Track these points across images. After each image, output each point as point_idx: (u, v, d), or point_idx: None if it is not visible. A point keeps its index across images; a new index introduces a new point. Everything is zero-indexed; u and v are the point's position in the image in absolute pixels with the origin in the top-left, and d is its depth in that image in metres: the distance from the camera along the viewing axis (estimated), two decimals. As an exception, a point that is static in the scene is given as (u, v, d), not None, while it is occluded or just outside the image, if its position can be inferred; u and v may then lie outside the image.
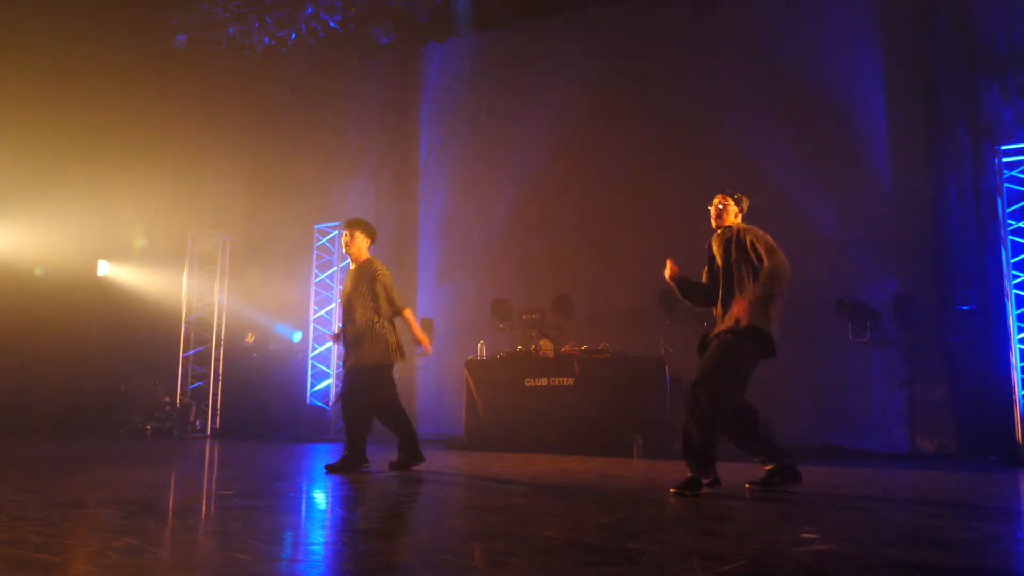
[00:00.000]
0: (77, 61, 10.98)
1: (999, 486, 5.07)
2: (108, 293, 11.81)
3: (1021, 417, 6.88)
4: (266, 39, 11.19)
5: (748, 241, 4.33)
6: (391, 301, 5.49)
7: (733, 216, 4.57)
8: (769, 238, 4.33)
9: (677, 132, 9.18)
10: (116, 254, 11.93)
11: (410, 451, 5.54)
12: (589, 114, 9.96)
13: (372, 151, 11.38)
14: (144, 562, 2.38)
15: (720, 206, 4.57)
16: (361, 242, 5.57)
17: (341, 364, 5.66)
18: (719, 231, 4.53)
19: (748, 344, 4.18)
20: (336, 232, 10.90)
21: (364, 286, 5.47)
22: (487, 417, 8.15)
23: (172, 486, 4.71)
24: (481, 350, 8.62)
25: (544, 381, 7.94)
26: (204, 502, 4.02)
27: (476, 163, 10.86)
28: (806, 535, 2.91)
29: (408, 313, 5.58)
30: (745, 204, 4.63)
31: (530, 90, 10.46)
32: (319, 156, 11.35)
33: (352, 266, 5.64)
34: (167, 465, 6.24)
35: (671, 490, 4.08)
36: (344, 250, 5.68)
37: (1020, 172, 7.26)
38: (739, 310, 4.17)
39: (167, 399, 11.00)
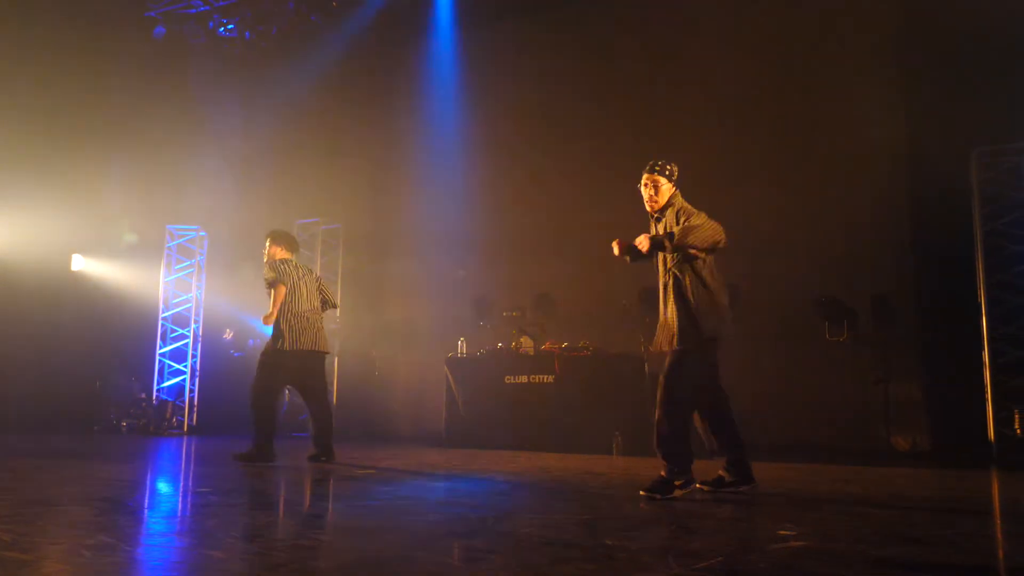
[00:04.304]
0: (53, 52, 10.81)
1: (971, 484, 5.15)
2: (83, 288, 11.65)
3: (993, 415, 6.98)
4: (247, 33, 11.11)
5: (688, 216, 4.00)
6: None
7: (668, 193, 4.13)
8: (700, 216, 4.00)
9: (662, 132, 9.18)
10: (91, 248, 11.77)
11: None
12: (570, 113, 9.96)
13: (353, 147, 11.31)
14: (117, 560, 2.36)
15: (651, 186, 4.11)
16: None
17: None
18: (654, 216, 4.16)
19: None
20: (317, 229, 10.85)
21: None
22: (467, 414, 8.15)
23: (147, 483, 4.67)
24: (461, 347, 8.61)
25: (524, 378, 7.95)
26: (180, 499, 3.98)
27: (457, 159, 10.83)
28: (783, 532, 2.93)
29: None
30: (676, 172, 4.14)
31: (512, 88, 10.45)
32: (300, 152, 11.28)
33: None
34: (142, 462, 6.18)
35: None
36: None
37: (996, 173, 7.35)
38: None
39: (143, 396, 10.88)
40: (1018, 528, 3.18)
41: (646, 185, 4.16)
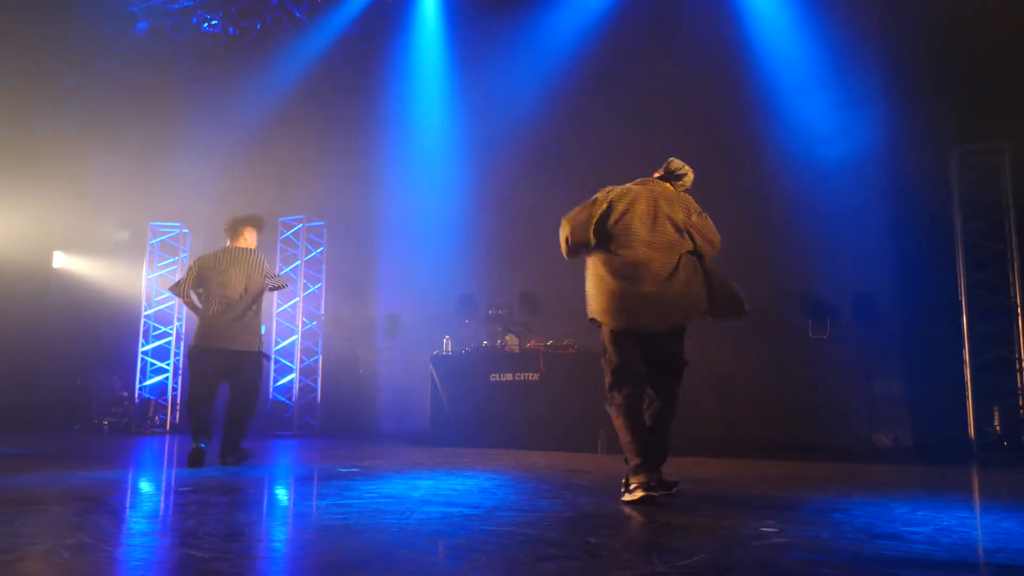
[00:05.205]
0: (34, 47, 10.69)
1: (951, 480, 5.20)
2: (64, 285, 11.54)
3: (973, 413, 7.07)
4: (231, 29, 11.03)
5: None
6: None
7: None
8: None
9: (649, 127, 9.18)
10: (73, 245, 11.66)
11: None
12: (559, 108, 9.94)
13: (337, 144, 11.25)
14: (97, 560, 2.34)
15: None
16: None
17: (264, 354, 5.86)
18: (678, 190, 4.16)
19: None
20: (300, 226, 10.79)
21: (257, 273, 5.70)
22: (451, 412, 8.14)
23: (128, 482, 4.63)
24: (447, 345, 8.59)
25: (509, 376, 7.95)
26: (161, 498, 3.95)
27: (442, 157, 10.80)
28: (765, 528, 2.95)
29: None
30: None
31: (498, 84, 10.43)
32: (283, 148, 11.21)
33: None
34: (124, 461, 6.12)
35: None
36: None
37: (975, 173, 7.43)
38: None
39: (125, 394, 10.78)
40: (997, 524, 3.22)
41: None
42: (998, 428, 7.01)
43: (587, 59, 9.88)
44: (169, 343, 10.96)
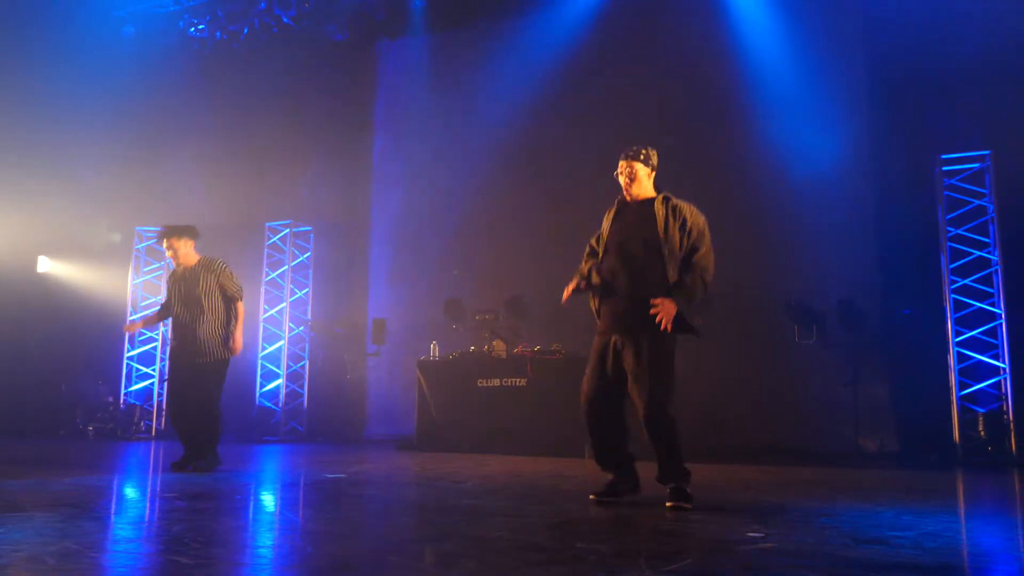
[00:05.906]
0: (18, 51, 10.62)
1: (936, 485, 5.24)
2: (49, 289, 11.44)
3: (958, 418, 7.13)
4: (218, 33, 10.99)
5: (684, 218, 3.85)
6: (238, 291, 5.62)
7: (648, 180, 4.00)
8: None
9: (632, 135, 9.20)
10: (57, 249, 11.57)
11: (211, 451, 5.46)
12: (544, 115, 9.97)
13: (324, 149, 11.23)
14: (82, 566, 2.32)
15: (629, 175, 3.97)
16: (188, 246, 5.56)
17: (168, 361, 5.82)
18: (633, 202, 3.99)
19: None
20: (287, 231, 10.75)
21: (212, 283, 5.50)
22: (439, 417, 8.12)
23: (114, 488, 4.59)
24: (434, 350, 8.58)
25: (497, 382, 7.94)
26: (147, 505, 3.93)
27: (429, 163, 10.80)
28: (751, 533, 2.96)
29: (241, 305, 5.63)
30: (654, 158, 4.02)
31: (485, 90, 10.44)
32: (270, 153, 11.17)
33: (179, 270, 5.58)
34: (109, 467, 6.08)
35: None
36: (174, 262, 5.61)
37: (959, 181, 7.52)
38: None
39: (110, 399, 10.70)
40: (982, 528, 3.25)
41: (622, 172, 4.04)
42: (983, 433, 7.07)
43: (573, 68, 9.92)
44: (155, 349, 10.89)
